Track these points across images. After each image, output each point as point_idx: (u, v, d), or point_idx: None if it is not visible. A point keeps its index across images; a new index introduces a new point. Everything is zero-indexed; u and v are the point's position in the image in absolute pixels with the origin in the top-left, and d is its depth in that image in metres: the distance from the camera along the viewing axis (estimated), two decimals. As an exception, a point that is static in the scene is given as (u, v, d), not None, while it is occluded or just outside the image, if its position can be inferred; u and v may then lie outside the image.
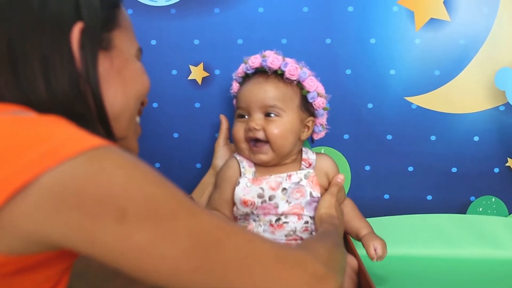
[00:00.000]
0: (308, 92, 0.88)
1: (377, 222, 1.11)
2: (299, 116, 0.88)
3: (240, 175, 0.88)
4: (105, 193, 0.39)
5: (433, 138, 1.09)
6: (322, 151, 1.12)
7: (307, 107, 0.89)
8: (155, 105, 1.12)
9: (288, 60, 0.88)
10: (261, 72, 0.89)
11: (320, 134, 0.95)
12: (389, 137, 1.10)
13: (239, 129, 0.87)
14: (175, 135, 1.13)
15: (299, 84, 0.88)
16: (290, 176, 0.87)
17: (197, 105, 1.11)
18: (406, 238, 1.11)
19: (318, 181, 0.87)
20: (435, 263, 1.07)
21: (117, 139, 0.56)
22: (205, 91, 1.10)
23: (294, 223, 0.85)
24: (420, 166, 1.10)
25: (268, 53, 0.89)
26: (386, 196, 1.12)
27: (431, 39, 1.06)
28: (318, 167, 0.90)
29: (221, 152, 0.98)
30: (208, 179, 0.97)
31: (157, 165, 1.14)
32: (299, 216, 0.86)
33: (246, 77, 0.91)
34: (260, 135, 0.85)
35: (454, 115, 1.09)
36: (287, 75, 0.86)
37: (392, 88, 1.07)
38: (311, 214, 0.86)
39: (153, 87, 1.06)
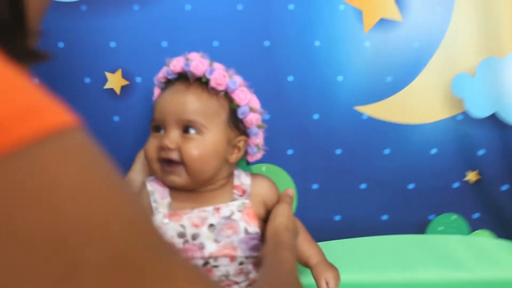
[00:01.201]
0: (238, 106, 0.76)
1: (327, 246, 1.03)
2: (226, 135, 0.75)
3: (152, 212, 0.75)
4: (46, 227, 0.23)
5: (387, 151, 1.02)
6: (263, 169, 1.00)
7: (237, 124, 0.77)
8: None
9: (216, 65, 0.76)
10: (184, 78, 0.77)
11: (255, 156, 0.82)
12: (338, 151, 1.02)
13: (151, 146, 0.75)
14: None
15: (228, 96, 0.76)
16: (218, 209, 0.74)
17: (116, 118, 0.99)
18: (361, 263, 1.07)
19: (254, 213, 0.74)
20: None
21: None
22: (125, 102, 0.98)
23: (226, 267, 0.73)
24: (374, 183, 1.04)
25: (193, 56, 0.77)
26: (337, 217, 1.06)
27: (382, 42, 0.98)
28: (254, 194, 0.77)
29: (139, 166, 0.85)
30: (133, 174, 0.85)
31: None
32: (232, 257, 0.72)
33: (168, 83, 0.79)
34: (174, 155, 0.72)
35: (409, 126, 1.02)
36: (212, 84, 0.74)
37: (340, 96, 0.99)
38: (247, 254, 0.73)
39: (63, 98, 0.99)
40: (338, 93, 0.99)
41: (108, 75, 0.97)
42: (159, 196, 0.76)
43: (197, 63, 0.75)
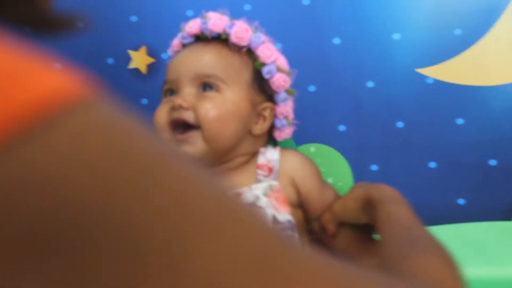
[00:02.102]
0: (263, 64, 0.67)
1: None
2: (249, 96, 0.66)
3: None
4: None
5: (460, 121, 0.89)
6: (312, 150, 0.91)
7: (262, 88, 0.68)
8: None
9: (237, 21, 0.68)
10: (202, 40, 0.69)
11: (284, 131, 0.71)
12: (399, 124, 0.90)
13: (162, 111, 0.66)
14: None
15: (251, 54, 0.67)
16: (239, 194, 0.64)
17: (144, 101, 0.92)
18: None
19: (284, 197, 0.62)
20: (474, 286, 0.88)
21: None
22: (152, 82, 0.90)
23: None
24: (446, 160, 0.91)
25: (210, 14, 0.69)
26: None
27: None
28: (282, 173, 0.67)
29: None
30: None
31: None
32: None
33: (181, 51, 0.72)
34: (189, 116, 0.63)
35: (485, 88, 0.87)
36: (233, 39, 0.66)
37: (398, 58, 0.87)
38: None
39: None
40: (395, 54, 0.87)
41: (132, 53, 0.91)
42: None
43: (216, 19, 0.67)
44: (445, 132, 0.90)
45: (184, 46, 0.70)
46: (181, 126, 0.64)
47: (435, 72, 0.87)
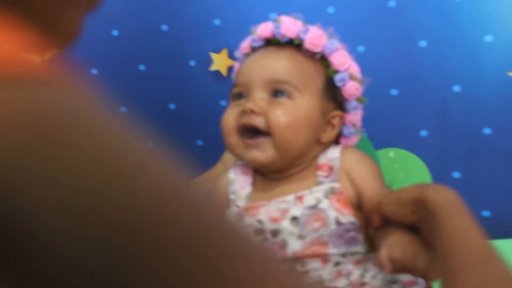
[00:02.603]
0: (336, 72, 0.65)
1: None
2: (321, 105, 0.64)
3: (229, 205, 0.66)
4: None
5: None
6: (391, 155, 0.91)
7: (333, 95, 0.66)
8: (172, 106, 0.98)
9: (311, 27, 0.66)
10: (273, 44, 0.67)
11: (351, 139, 0.69)
12: (487, 131, 0.88)
13: (231, 114, 0.64)
14: (199, 142, 0.99)
15: (324, 61, 0.65)
16: (300, 197, 0.62)
17: (223, 103, 0.93)
18: None
19: (346, 199, 0.61)
20: None
21: None
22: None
23: (318, 271, 0.60)
24: None
25: (283, 18, 0.67)
26: (486, 213, 0.92)
27: None
28: (341, 171, 0.65)
29: (223, 165, 0.80)
30: (214, 173, 0.78)
31: None
32: (323, 257, 0.60)
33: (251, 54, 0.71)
34: (260, 122, 0.61)
35: None
36: (307, 45, 0.64)
37: (489, 61, 0.86)
38: (342, 250, 0.60)
39: (169, 84, 0.93)
40: (486, 58, 0.86)
41: (213, 55, 0.93)
42: (239, 187, 0.67)
43: (289, 24, 0.65)
44: None
45: (254, 49, 0.69)
46: (250, 131, 0.63)
47: None
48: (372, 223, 0.59)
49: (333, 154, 0.64)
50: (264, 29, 0.66)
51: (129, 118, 0.21)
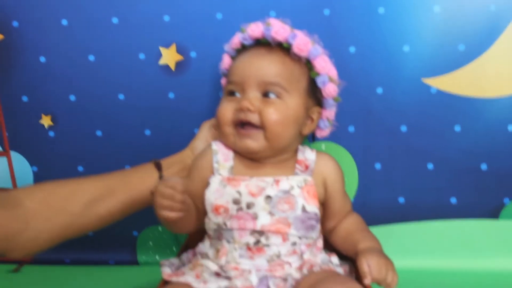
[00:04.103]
0: (318, 74, 0.72)
1: (390, 230, 1.02)
2: (305, 102, 0.72)
3: (213, 173, 0.72)
4: None
5: (457, 128, 0.95)
6: (323, 147, 0.95)
7: (314, 94, 0.74)
8: (121, 96, 0.99)
9: (297, 31, 0.72)
10: (261, 44, 0.73)
11: (324, 131, 0.78)
12: (403, 128, 0.96)
13: (227, 109, 0.71)
14: (147, 132, 1.00)
15: (308, 64, 0.73)
16: (278, 181, 0.70)
17: (171, 95, 0.97)
18: (426, 248, 1.02)
19: (315, 192, 0.69)
20: (462, 277, 0.98)
21: None
22: (180, 78, 0.96)
23: (278, 246, 0.68)
24: (442, 163, 0.98)
25: (273, 21, 0.73)
26: (401, 200, 1.00)
27: (454, 6, 0.90)
28: (317, 172, 0.72)
29: (204, 134, 0.84)
30: (182, 157, 0.83)
31: (127, 166, 1.00)
32: (284, 235, 0.67)
33: (242, 50, 0.75)
34: (254, 118, 0.69)
35: (482, 100, 0.94)
36: (295, 49, 0.71)
37: (406, 68, 0.93)
38: (300, 233, 0.68)
39: (119, 75, 0.96)
40: (404, 65, 0.93)
41: (163, 50, 0.95)
42: (222, 158, 0.73)
43: (279, 27, 0.71)
44: (444, 137, 0.95)
45: (243, 46, 0.75)
46: (242, 123, 0.70)
47: (438, 83, 0.93)
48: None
49: (310, 156, 0.73)
50: (255, 30, 0.72)
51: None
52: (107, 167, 0.99)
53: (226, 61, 0.78)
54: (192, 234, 0.84)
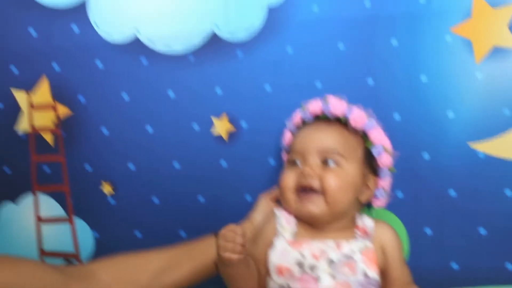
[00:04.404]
0: (373, 144, 0.79)
1: None
2: (362, 170, 0.78)
3: (277, 235, 0.76)
4: None
5: (508, 193, 0.94)
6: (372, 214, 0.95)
7: (370, 163, 0.80)
8: (176, 165, 1.04)
9: (353, 106, 0.81)
10: (320, 119, 0.81)
11: (381, 200, 0.84)
12: (452, 193, 0.96)
13: (289, 176, 0.77)
14: (201, 198, 1.04)
15: (364, 136, 0.80)
16: (339, 244, 0.73)
17: (224, 163, 1.02)
18: None
19: (375, 258, 0.71)
20: None
21: None
22: (232, 148, 1.02)
23: None
24: (495, 227, 0.95)
25: (330, 98, 0.82)
26: (454, 265, 0.98)
27: (496, 72, 0.92)
28: (376, 239, 0.76)
29: (262, 206, 0.90)
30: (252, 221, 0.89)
31: (182, 233, 1.05)
32: None
33: (303, 125, 0.83)
34: (315, 183, 0.74)
35: None
36: (352, 122, 0.79)
37: (451, 133, 0.94)
38: None
39: (174, 145, 1.03)
40: (450, 130, 0.94)
41: (215, 120, 1.01)
42: (285, 222, 0.77)
43: (336, 103, 0.79)
44: (495, 202, 0.94)
45: (304, 122, 0.82)
46: (304, 189, 0.75)
47: (486, 147, 0.93)
48: None
49: (368, 222, 0.77)
50: (315, 107, 0.80)
51: None
52: (163, 233, 1.05)
53: (287, 136, 0.85)
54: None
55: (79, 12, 1.03)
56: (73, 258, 1.10)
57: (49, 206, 1.10)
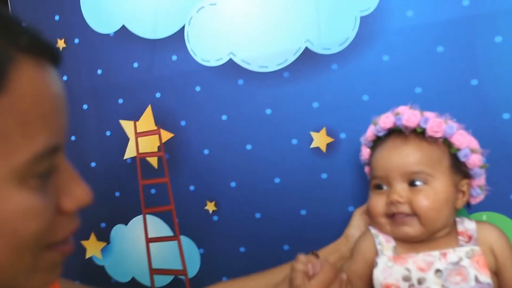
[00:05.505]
0: (459, 149, 0.74)
1: None
2: (452, 180, 0.74)
3: (377, 254, 0.75)
4: None
5: None
6: (484, 218, 0.92)
7: (459, 168, 0.75)
8: (277, 180, 1.05)
9: (427, 114, 0.76)
10: (396, 132, 0.77)
11: (478, 197, 0.78)
12: None
13: (378, 203, 0.75)
14: (303, 212, 1.04)
15: (446, 142, 0.75)
16: (445, 254, 0.71)
17: (324, 176, 1.01)
18: None
19: (485, 261, 0.68)
20: None
21: None
22: (332, 159, 1.01)
23: None
24: None
25: (401, 109, 0.78)
26: None
27: None
28: (481, 241, 0.72)
29: (357, 221, 0.87)
30: (337, 246, 0.86)
31: (286, 247, 1.06)
32: None
33: (378, 140, 0.80)
34: (405, 209, 0.72)
35: None
36: (429, 132, 0.74)
37: None
38: None
39: (274, 160, 1.04)
40: None
41: (313, 134, 1.01)
42: (384, 240, 0.75)
43: (409, 115, 0.75)
44: None
45: (378, 137, 0.79)
46: (395, 215, 0.73)
47: None
48: None
49: (470, 225, 0.74)
50: (387, 121, 0.76)
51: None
52: (267, 247, 1.07)
53: (364, 152, 0.83)
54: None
55: (177, 41, 1.08)
56: (182, 275, 1.15)
57: (157, 226, 1.16)
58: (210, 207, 1.11)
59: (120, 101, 1.15)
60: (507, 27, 0.88)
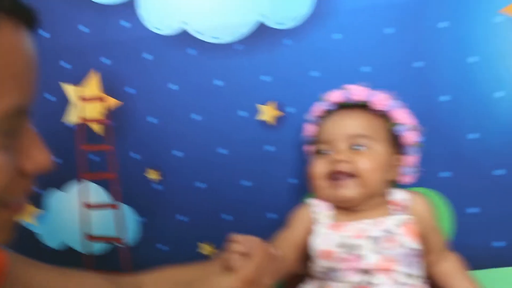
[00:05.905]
0: (397, 124, 0.81)
1: (487, 275, 0.98)
2: (388, 150, 0.80)
3: (313, 222, 0.79)
4: None
5: None
6: None
7: (395, 142, 0.81)
8: (223, 151, 1.06)
9: (377, 92, 0.82)
10: (344, 108, 0.82)
11: (408, 176, 0.83)
12: (498, 172, 0.96)
13: (320, 165, 0.79)
14: (247, 183, 1.06)
15: (386, 117, 0.81)
16: (378, 222, 0.76)
17: (270, 148, 1.03)
18: None
19: (414, 229, 0.75)
20: None
21: None
22: (278, 133, 1.03)
23: (384, 286, 0.71)
24: None
25: (349, 86, 0.83)
26: (500, 243, 0.98)
27: None
28: (413, 210, 0.79)
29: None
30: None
31: (229, 217, 1.06)
32: (390, 273, 0.72)
33: (326, 115, 0.84)
34: (347, 168, 0.76)
35: None
36: (373, 105, 0.80)
37: (500, 113, 0.94)
38: (407, 270, 0.73)
39: (221, 131, 1.05)
40: (499, 110, 0.94)
41: (262, 107, 1.02)
42: (322, 209, 0.79)
43: (356, 89, 0.81)
44: None
45: (328, 112, 0.83)
46: (336, 176, 0.77)
47: None
48: None
49: (402, 195, 0.78)
50: (336, 96, 0.81)
51: None
52: (209, 217, 1.08)
53: (309, 128, 0.86)
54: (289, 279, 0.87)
55: (129, 8, 1.05)
56: (121, 244, 1.14)
57: (99, 194, 1.13)
58: (155, 176, 1.10)
59: (63, 63, 1.10)
60: (453, 13, 0.93)
